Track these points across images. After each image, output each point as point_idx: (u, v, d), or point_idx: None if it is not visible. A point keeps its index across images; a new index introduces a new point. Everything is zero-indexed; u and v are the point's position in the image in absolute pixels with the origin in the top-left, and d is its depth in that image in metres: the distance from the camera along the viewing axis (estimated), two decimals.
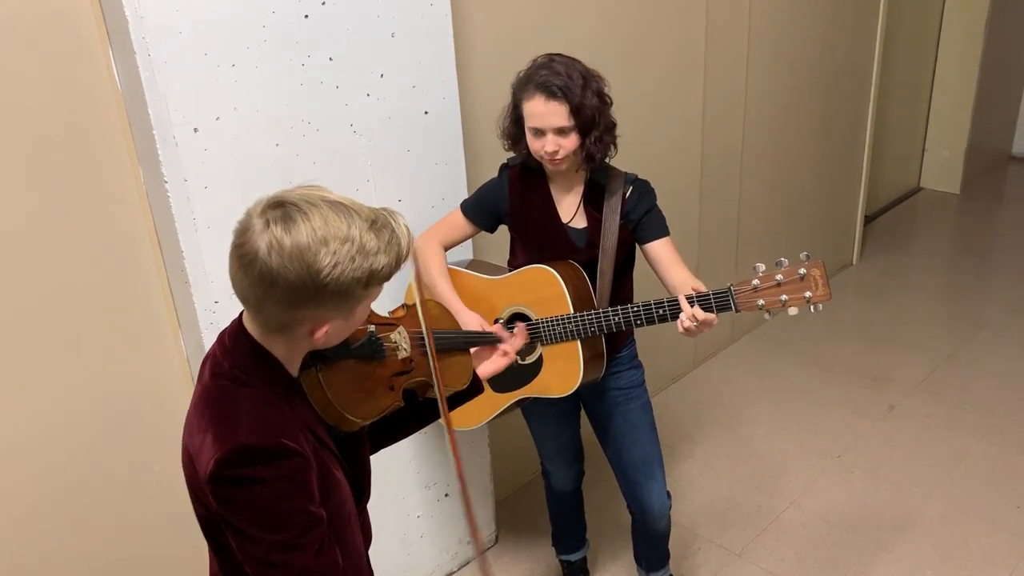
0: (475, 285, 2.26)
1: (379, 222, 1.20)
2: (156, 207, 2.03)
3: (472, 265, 2.36)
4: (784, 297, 1.90)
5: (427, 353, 1.49)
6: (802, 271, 1.88)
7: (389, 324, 1.49)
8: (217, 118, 1.95)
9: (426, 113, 2.35)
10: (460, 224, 2.27)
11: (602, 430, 2.38)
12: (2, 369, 1.93)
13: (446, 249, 2.28)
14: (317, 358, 1.35)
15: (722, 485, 3.27)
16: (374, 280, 1.20)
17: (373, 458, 1.56)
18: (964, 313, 4.47)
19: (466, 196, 2.32)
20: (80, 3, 1.85)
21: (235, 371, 1.26)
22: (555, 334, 2.12)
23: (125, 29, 1.79)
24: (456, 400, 1.72)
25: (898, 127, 5.58)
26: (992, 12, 5.44)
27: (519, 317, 2.19)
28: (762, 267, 1.91)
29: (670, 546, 2.59)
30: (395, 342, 1.46)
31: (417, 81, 2.30)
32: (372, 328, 1.43)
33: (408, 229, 1.24)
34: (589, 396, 2.35)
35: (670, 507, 2.42)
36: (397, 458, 2.59)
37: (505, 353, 1.86)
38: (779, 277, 1.90)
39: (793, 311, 1.92)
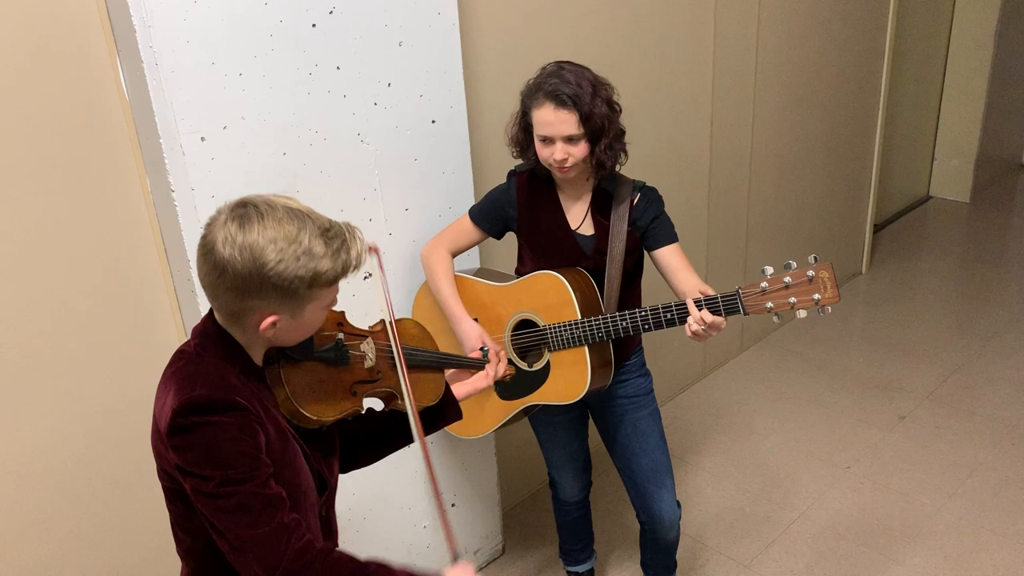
0: (482, 292, 2.25)
1: (332, 231, 1.33)
2: (163, 216, 2.03)
3: (480, 272, 2.36)
4: (793, 299, 1.89)
5: (395, 366, 1.57)
6: (810, 273, 1.87)
7: (360, 335, 1.57)
8: (224, 127, 1.95)
9: (433, 122, 2.35)
10: (468, 230, 2.26)
11: (610, 439, 2.37)
12: (8, 375, 1.93)
13: (454, 256, 2.28)
14: (281, 357, 1.44)
15: (731, 495, 3.25)
16: (317, 282, 1.32)
17: (379, 470, 1.57)
18: (975, 322, 4.44)
19: (473, 205, 2.31)
20: (88, 12, 1.86)
21: (198, 348, 1.39)
22: (562, 340, 2.11)
23: (133, 38, 1.80)
24: (430, 423, 1.76)
25: (907, 135, 5.56)
26: (1002, 20, 5.42)
27: (526, 324, 2.18)
28: (770, 270, 1.90)
29: (678, 557, 2.58)
30: (362, 351, 1.55)
31: (424, 90, 2.30)
32: (340, 336, 1.52)
33: (362, 243, 1.37)
34: (597, 404, 2.34)
35: (680, 517, 2.40)
36: (403, 468, 2.58)
37: (486, 376, 1.90)
38: (787, 279, 1.89)
39: (802, 313, 1.91)
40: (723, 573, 2.88)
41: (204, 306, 2.03)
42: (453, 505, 2.77)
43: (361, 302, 2.28)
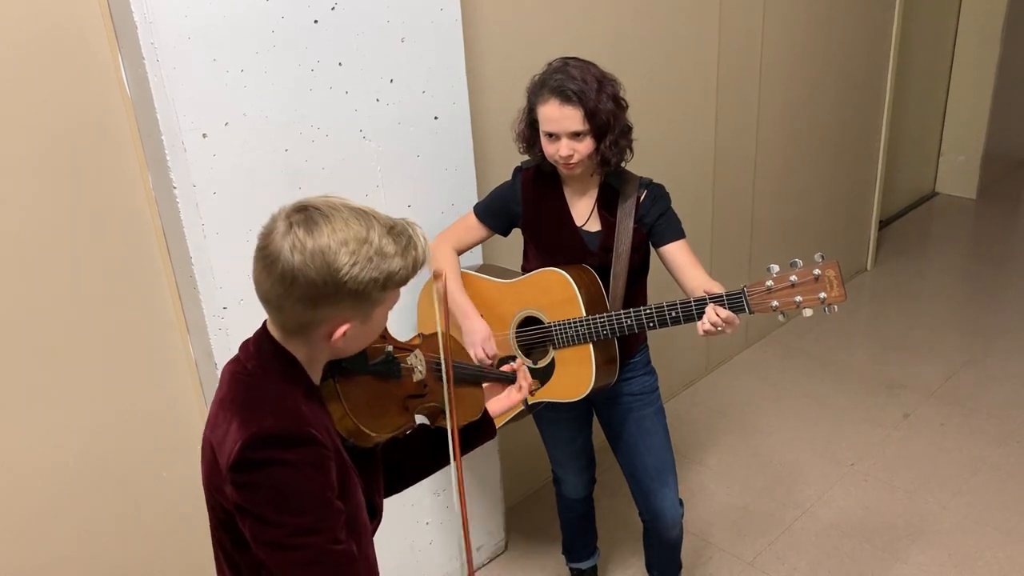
0: (487, 289, 2.24)
1: (397, 228, 1.26)
2: (165, 213, 2.03)
3: (484, 269, 2.36)
4: (798, 298, 1.88)
5: (441, 379, 1.52)
6: (816, 272, 1.86)
7: (406, 348, 1.53)
8: (226, 124, 1.94)
9: (436, 118, 2.34)
10: (473, 227, 2.26)
11: (614, 436, 2.36)
12: (10, 373, 1.93)
13: (459, 252, 2.28)
14: (335, 371, 1.38)
15: (735, 493, 3.24)
16: (391, 282, 1.26)
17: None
18: (980, 319, 4.42)
19: (476, 201, 2.31)
20: (89, 9, 1.85)
21: (258, 370, 1.30)
22: (567, 337, 2.10)
23: (134, 35, 1.79)
24: (470, 441, 1.72)
25: (913, 131, 5.54)
26: (1009, 15, 5.39)
27: (531, 321, 2.18)
28: (776, 268, 1.89)
29: (682, 555, 2.57)
30: (411, 364, 1.49)
31: (427, 86, 2.29)
32: (389, 348, 1.47)
33: (425, 239, 1.30)
34: (601, 402, 2.34)
35: (682, 515, 2.39)
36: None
37: (520, 389, 1.83)
38: (793, 278, 1.87)
39: (808, 312, 1.90)
40: (727, 570, 2.88)
41: (207, 303, 2.04)
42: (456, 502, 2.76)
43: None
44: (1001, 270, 5.00)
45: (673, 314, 1.99)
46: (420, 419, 1.56)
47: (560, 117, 1.97)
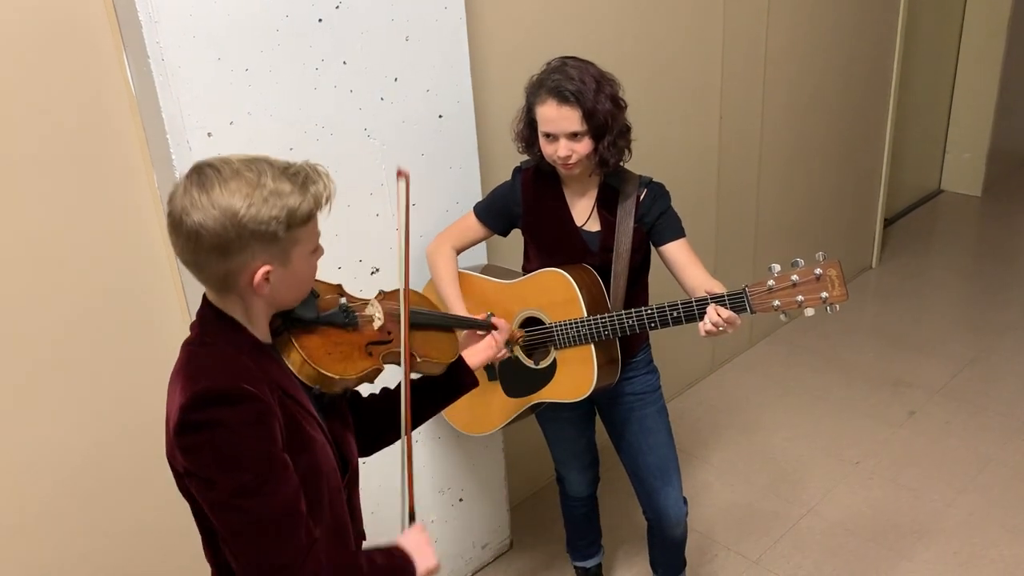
0: (488, 289, 2.25)
1: (292, 169, 1.30)
2: None
3: (486, 269, 2.35)
4: (800, 298, 1.88)
5: (400, 326, 1.56)
6: (818, 271, 1.86)
7: (363, 301, 1.58)
8: (231, 122, 1.95)
9: (440, 117, 2.34)
10: (473, 227, 2.26)
11: (617, 435, 2.36)
12: (15, 369, 1.94)
13: (458, 252, 2.28)
14: (289, 323, 1.43)
15: (739, 491, 3.24)
16: (294, 218, 1.28)
17: (388, 463, 1.55)
18: (985, 317, 4.41)
19: (478, 202, 2.31)
20: (94, 8, 1.86)
21: (200, 336, 1.35)
22: (568, 338, 2.10)
23: (139, 34, 1.80)
24: (450, 392, 1.75)
25: (919, 129, 5.53)
26: (1014, 13, 5.37)
27: (532, 321, 2.18)
28: (777, 267, 1.89)
29: (687, 553, 2.57)
30: (370, 313, 1.55)
31: (431, 85, 2.29)
32: (343, 300, 1.52)
33: (328, 176, 1.34)
34: (604, 401, 2.34)
35: (686, 513, 2.39)
36: (411, 462, 2.58)
37: (494, 343, 1.87)
38: (795, 278, 1.87)
39: (809, 312, 1.89)
40: (732, 569, 2.88)
41: None
42: (461, 500, 2.77)
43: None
44: (1007, 267, 4.99)
45: (675, 314, 1.98)
46: (392, 370, 1.58)
47: (558, 117, 1.96)
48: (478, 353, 1.86)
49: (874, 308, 4.62)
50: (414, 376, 1.65)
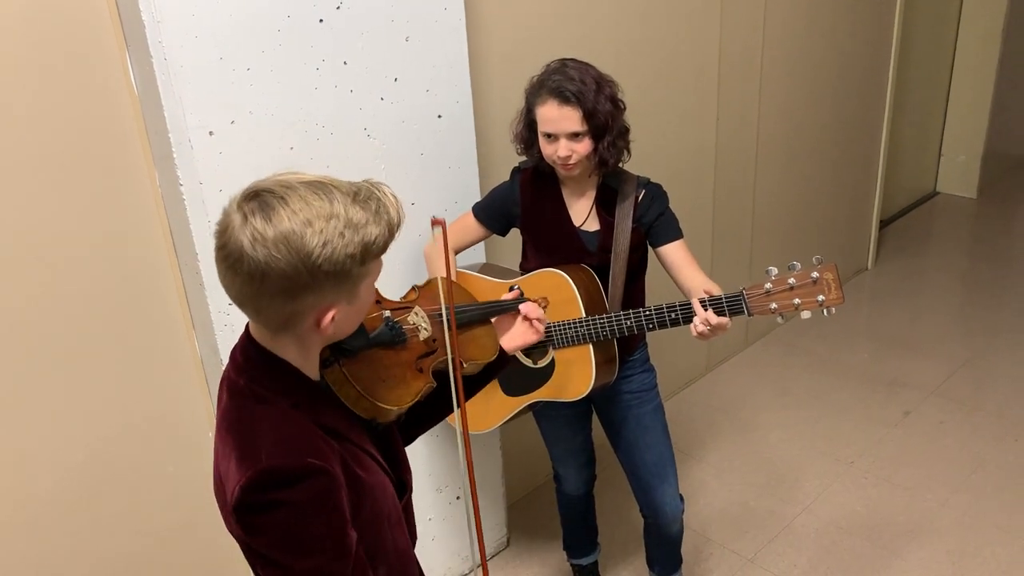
0: (486, 289, 2.26)
1: (362, 194, 1.14)
2: (171, 209, 2.05)
3: (484, 268, 2.37)
4: (797, 301, 1.90)
5: (444, 330, 1.45)
6: (815, 275, 1.87)
7: (404, 307, 1.46)
8: (232, 121, 1.96)
9: (440, 117, 2.36)
10: (471, 227, 2.27)
11: (614, 433, 2.38)
12: (17, 370, 1.95)
13: (457, 252, 2.29)
14: (338, 353, 1.30)
15: (735, 490, 3.26)
16: (369, 254, 1.15)
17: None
18: (980, 318, 4.44)
19: (477, 202, 2.32)
20: (97, 7, 1.87)
21: (251, 386, 1.21)
22: (567, 338, 2.12)
23: (142, 33, 1.81)
24: (487, 374, 1.67)
25: (914, 131, 5.55)
26: (1009, 15, 5.40)
27: None
28: (774, 271, 1.91)
29: (683, 551, 2.59)
30: (414, 323, 1.43)
31: (431, 85, 2.31)
32: (387, 313, 1.40)
33: (395, 197, 1.18)
34: (601, 400, 2.35)
35: (683, 510, 2.41)
36: (409, 461, 2.59)
37: (528, 320, 1.78)
38: (792, 281, 1.89)
39: (806, 315, 1.91)
40: (727, 567, 2.90)
41: (213, 300, 2.05)
42: (458, 498, 2.79)
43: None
44: (1001, 269, 5.01)
45: (672, 316, 2.00)
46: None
47: (558, 118, 1.98)
48: (515, 338, 1.78)
49: (869, 309, 4.64)
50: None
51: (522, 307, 1.80)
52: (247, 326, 1.25)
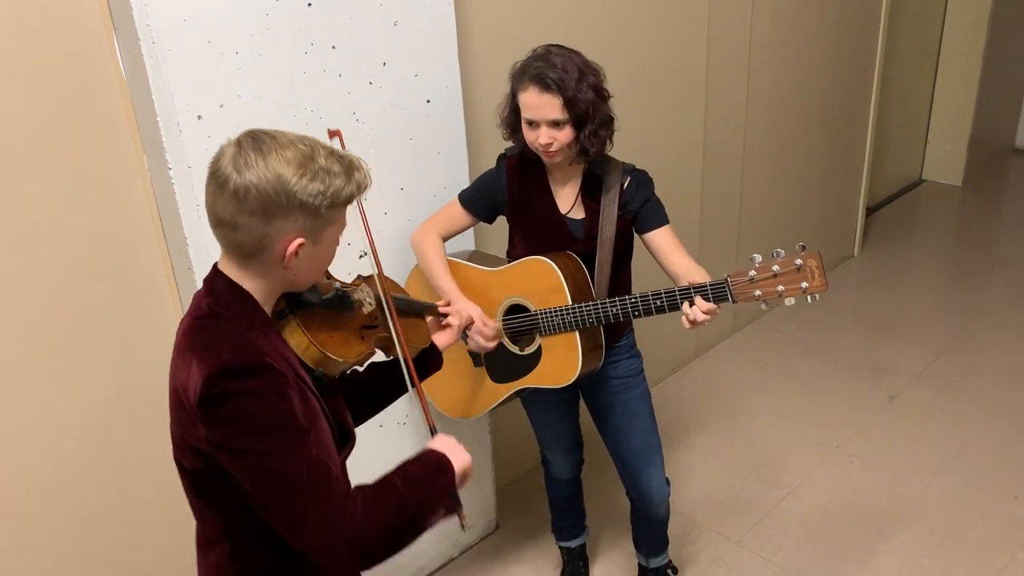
0: (474, 277, 2.27)
1: (339, 153, 1.36)
2: (160, 193, 2.05)
3: (472, 257, 2.37)
4: (781, 288, 1.91)
5: (385, 313, 1.62)
6: (798, 262, 1.89)
7: (351, 286, 1.63)
8: (221, 105, 1.96)
9: (428, 102, 2.36)
10: (458, 215, 2.27)
11: (601, 419, 2.40)
12: (8, 358, 1.95)
13: (444, 240, 2.29)
14: (293, 305, 1.45)
15: (722, 474, 3.29)
16: (338, 199, 1.33)
17: (376, 444, 1.58)
18: (965, 304, 4.48)
19: (463, 189, 2.32)
20: None
21: (214, 308, 1.35)
22: (553, 325, 2.13)
23: (130, 17, 1.81)
24: (419, 372, 1.78)
25: (901, 119, 5.58)
26: (996, 4, 5.43)
27: (518, 309, 2.20)
28: (759, 258, 1.92)
29: (669, 533, 2.62)
30: (360, 298, 1.60)
31: (419, 70, 2.31)
32: (338, 284, 1.57)
33: (368, 169, 1.39)
34: (588, 385, 2.37)
35: (669, 493, 2.44)
36: (399, 445, 2.61)
37: (452, 331, 1.93)
38: (776, 268, 1.90)
39: (790, 301, 1.93)
40: (714, 549, 2.93)
41: (202, 282, 2.05)
42: None
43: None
44: (986, 256, 5.06)
45: (658, 303, 2.01)
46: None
47: (539, 105, 1.98)
48: (442, 336, 1.91)
49: (856, 295, 4.67)
50: (388, 359, 1.71)
51: (448, 311, 1.94)
52: (214, 265, 1.40)
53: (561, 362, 2.17)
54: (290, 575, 1.45)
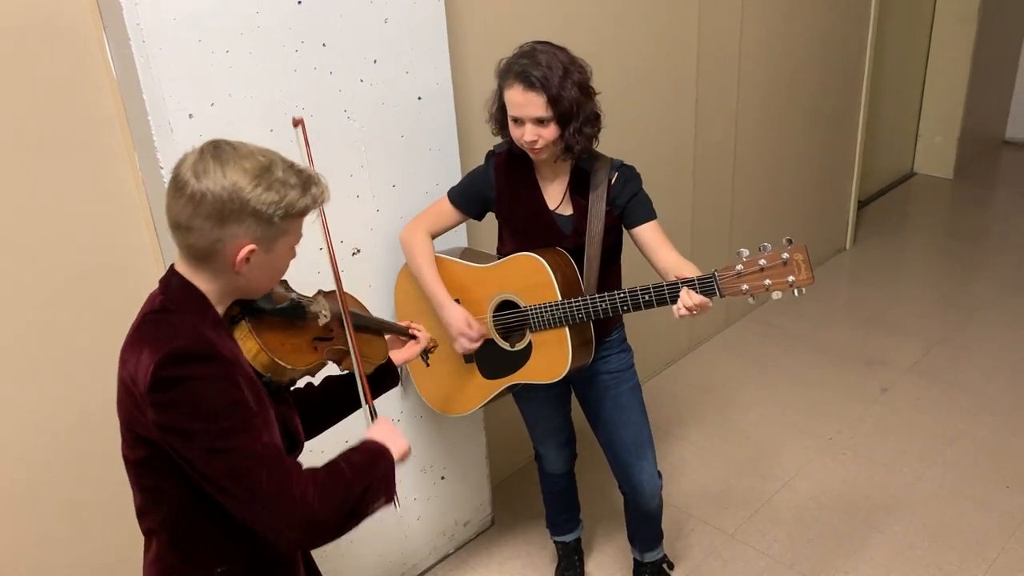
0: (464, 273, 2.27)
1: (298, 167, 1.39)
2: (152, 193, 2.05)
3: (464, 254, 2.37)
4: (767, 282, 1.92)
5: (343, 326, 1.65)
6: (785, 256, 1.89)
7: (310, 298, 1.64)
8: (212, 104, 1.96)
9: (419, 99, 2.36)
10: (447, 212, 2.28)
11: (593, 413, 2.41)
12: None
13: (434, 237, 2.29)
14: (245, 311, 1.48)
15: (716, 467, 3.31)
16: (292, 210, 1.36)
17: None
18: (956, 297, 4.50)
19: (452, 186, 2.32)
20: None
21: (166, 304, 1.39)
22: (543, 321, 2.14)
23: (120, 16, 1.81)
24: (374, 388, 1.80)
25: (891, 112, 5.60)
26: None
27: (507, 305, 2.21)
28: (746, 252, 1.93)
29: (664, 527, 2.63)
30: (316, 310, 1.61)
31: (410, 67, 2.31)
32: (294, 295, 1.59)
33: (327, 185, 1.43)
34: (579, 380, 2.37)
35: (661, 487, 2.44)
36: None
37: (417, 343, 1.96)
38: (762, 262, 1.91)
39: (777, 295, 1.93)
40: (708, 542, 2.94)
41: None
42: (443, 478, 2.81)
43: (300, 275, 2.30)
44: (977, 248, 5.08)
45: (647, 298, 2.02)
46: (328, 366, 1.66)
47: (524, 102, 1.98)
48: (401, 353, 1.95)
49: (848, 288, 4.69)
50: (344, 372, 1.74)
51: (414, 332, 1.97)
52: (171, 265, 1.43)
53: (551, 357, 2.17)
54: (231, 562, 1.48)
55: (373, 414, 1.66)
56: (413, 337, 1.97)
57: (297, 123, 1.68)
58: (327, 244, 1.69)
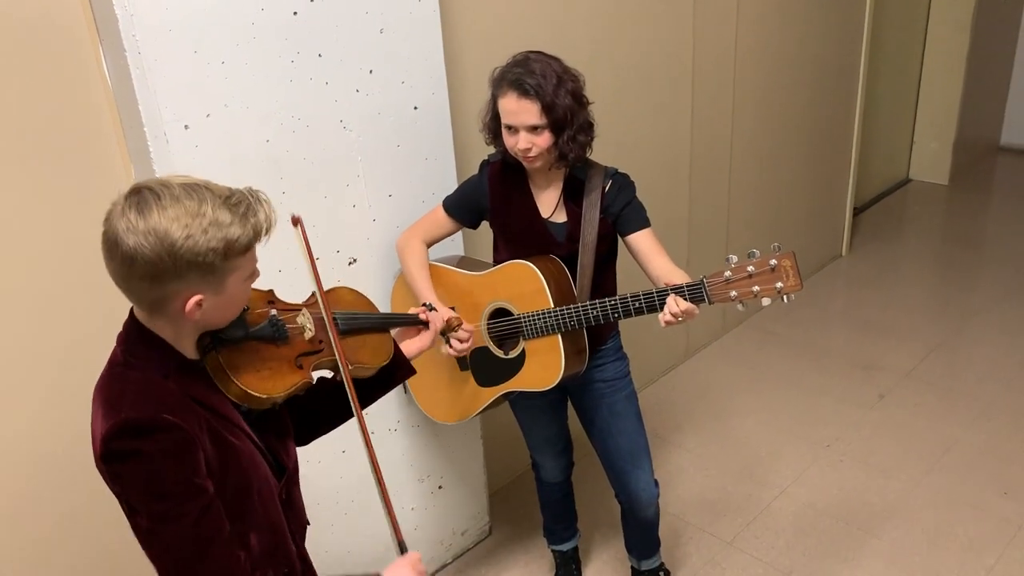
0: (459, 281, 2.28)
1: (234, 198, 1.29)
2: None
3: (460, 262, 2.38)
4: (756, 288, 1.92)
5: (329, 336, 1.58)
6: (773, 262, 1.90)
7: (294, 309, 1.57)
8: (208, 115, 1.97)
9: (415, 108, 2.37)
10: (442, 221, 2.29)
11: (588, 422, 2.41)
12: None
13: (429, 245, 2.30)
14: (216, 342, 1.41)
15: (713, 475, 3.30)
16: (232, 251, 1.28)
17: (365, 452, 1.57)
18: (953, 303, 4.51)
19: (447, 195, 2.33)
20: (70, 1, 1.87)
21: (127, 357, 1.34)
22: (536, 328, 2.14)
23: (115, 27, 1.81)
24: (384, 382, 1.76)
25: (887, 119, 5.62)
26: (979, 3, 5.47)
27: (501, 312, 2.21)
28: (734, 259, 1.93)
29: (661, 535, 2.63)
30: (300, 324, 1.54)
31: (406, 77, 2.32)
32: (273, 312, 1.51)
33: (269, 204, 1.33)
34: (575, 388, 2.38)
35: (658, 495, 2.44)
36: (391, 451, 2.61)
37: (431, 332, 1.91)
38: (751, 268, 1.91)
39: (766, 301, 1.94)
40: (705, 550, 2.94)
41: None
42: (440, 488, 2.81)
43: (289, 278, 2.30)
44: (973, 254, 5.09)
45: (636, 305, 2.02)
46: (321, 374, 1.60)
47: (517, 110, 1.99)
48: (415, 343, 1.90)
49: (844, 295, 4.70)
50: (338, 381, 1.66)
51: (430, 317, 1.92)
52: (131, 309, 1.37)
53: (544, 365, 2.18)
54: None
55: (402, 548, 1.52)
56: (424, 323, 1.91)
57: (296, 222, 1.55)
58: (306, 251, 1.58)
